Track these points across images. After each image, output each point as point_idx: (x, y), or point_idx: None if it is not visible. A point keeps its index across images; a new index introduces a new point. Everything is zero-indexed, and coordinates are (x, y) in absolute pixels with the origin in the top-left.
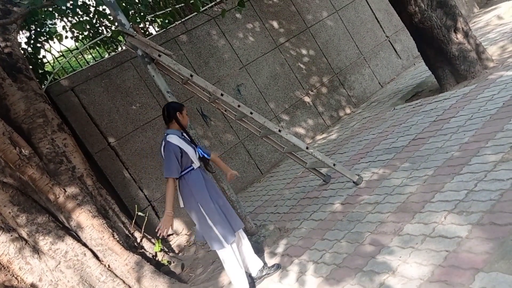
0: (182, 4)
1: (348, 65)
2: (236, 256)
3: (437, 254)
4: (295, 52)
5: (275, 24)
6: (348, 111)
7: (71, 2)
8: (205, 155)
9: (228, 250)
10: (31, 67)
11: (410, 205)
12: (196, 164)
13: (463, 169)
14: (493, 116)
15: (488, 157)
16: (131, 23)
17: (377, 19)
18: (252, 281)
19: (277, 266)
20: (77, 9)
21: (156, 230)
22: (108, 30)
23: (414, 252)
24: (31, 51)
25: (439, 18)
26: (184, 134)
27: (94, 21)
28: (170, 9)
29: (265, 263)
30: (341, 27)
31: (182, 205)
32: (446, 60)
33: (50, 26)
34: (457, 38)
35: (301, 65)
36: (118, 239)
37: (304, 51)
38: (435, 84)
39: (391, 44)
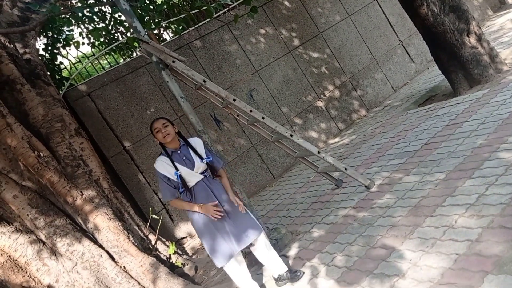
0: (196, 11)
1: (361, 69)
2: (237, 272)
3: (447, 257)
4: (308, 56)
5: (287, 29)
6: (360, 115)
7: (88, 9)
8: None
9: (226, 267)
10: (48, 73)
11: (422, 208)
12: (192, 182)
13: (475, 173)
14: (505, 121)
15: (499, 161)
16: (146, 30)
17: (390, 23)
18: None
19: (301, 274)
20: (94, 16)
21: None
22: (124, 36)
23: (425, 255)
24: (48, 57)
25: (452, 23)
26: (180, 150)
27: (110, 27)
28: (184, 15)
29: (289, 269)
30: (353, 32)
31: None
32: (459, 64)
33: (67, 33)
34: (470, 42)
35: (314, 70)
36: (133, 241)
37: (316, 56)
38: (448, 88)
39: (405, 48)
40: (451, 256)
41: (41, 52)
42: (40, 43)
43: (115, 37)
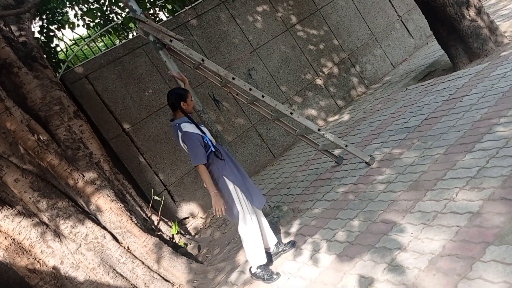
0: None
1: (359, 46)
2: (257, 231)
3: (448, 230)
4: (306, 34)
5: (285, 6)
6: (360, 92)
7: None
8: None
9: (249, 224)
10: (44, 56)
11: (422, 183)
12: (214, 142)
13: (475, 147)
14: (505, 94)
15: (500, 134)
16: (141, 9)
17: None
18: (270, 258)
19: (293, 243)
20: None
21: (214, 214)
22: (119, 17)
23: (426, 228)
24: (44, 40)
25: None
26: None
27: (105, 8)
28: None
29: (280, 241)
30: (352, 8)
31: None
32: (459, 38)
33: (62, 14)
34: (469, 16)
35: (312, 48)
36: (136, 222)
37: (315, 33)
38: (448, 63)
39: (403, 24)
40: (452, 228)
41: (37, 35)
42: (36, 26)
43: (110, 18)
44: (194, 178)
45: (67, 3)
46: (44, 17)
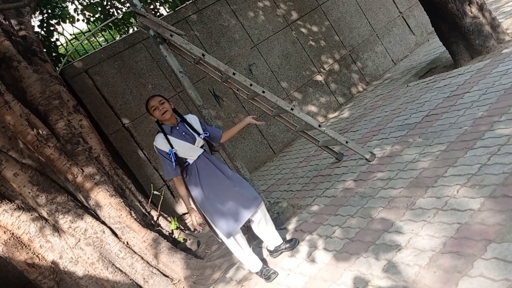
0: None
1: (360, 42)
2: (238, 246)
3: (449, 227)
4: (307, 30)
5: (286, 2)
6: (360, 89)
7: None
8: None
9: (227, 242)
10: (44, 50)
11: (423, 180)
12: (194, 156)
13: (477, 144)
14: (507, 90)
15: (501, 131)
16: (142, 4)
17: None
18: (268, 254)
19: (295, 241)
20: None
21: (193, 230)
22: (119, 11)
23: (426, 225)
24: (44, 34)
25: None
26: (178, 126)
27: (105, 2)
28: None
29: (283, 239)
30: (353, 4)
31: None
32: (461, 35)
33: (62, 8)
34: (471, 12)
35: (313, 44)
36: (135, 217)
37: (315, 29)
38: (449, 59)
39: (405, 20)
40: (453, 225)
41: (37, 29)
42: (36, 20)
43: (111, 13)
44: None
45: None
46: (44, 11)
